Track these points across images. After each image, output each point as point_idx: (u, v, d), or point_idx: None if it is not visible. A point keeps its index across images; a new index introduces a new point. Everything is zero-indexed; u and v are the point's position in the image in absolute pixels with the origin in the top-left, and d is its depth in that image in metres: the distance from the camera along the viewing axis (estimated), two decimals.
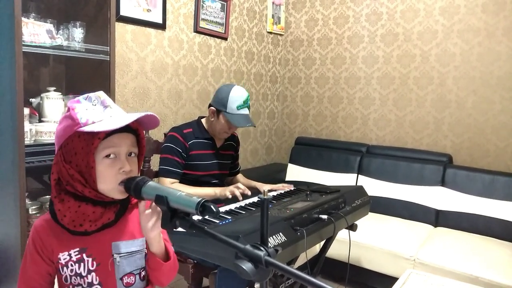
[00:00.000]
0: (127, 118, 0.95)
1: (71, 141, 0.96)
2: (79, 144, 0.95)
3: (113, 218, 1.01)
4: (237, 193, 1.88)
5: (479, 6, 2.88)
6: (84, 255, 1.00)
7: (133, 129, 1.01)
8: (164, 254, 1.06)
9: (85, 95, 0.99)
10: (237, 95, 2.00)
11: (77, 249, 1.00)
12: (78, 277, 1.00)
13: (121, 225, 1.05)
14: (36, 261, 1.00)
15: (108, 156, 0.96)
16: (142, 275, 1.08)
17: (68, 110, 0.97)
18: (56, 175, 0.98)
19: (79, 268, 1.00)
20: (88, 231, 0.98)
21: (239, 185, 1.93)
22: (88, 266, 1.00)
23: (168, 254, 1.07)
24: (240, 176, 2.38)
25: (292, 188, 2.15)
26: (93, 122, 0.94)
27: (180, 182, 2.02)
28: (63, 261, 0.99)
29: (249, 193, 1.92)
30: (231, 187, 1.92)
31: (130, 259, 1.05)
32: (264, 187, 2.16)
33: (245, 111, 2.02)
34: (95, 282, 1.01)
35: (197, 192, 1.95)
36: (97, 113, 0.96)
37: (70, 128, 0.95)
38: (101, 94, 1.01)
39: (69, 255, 0.99)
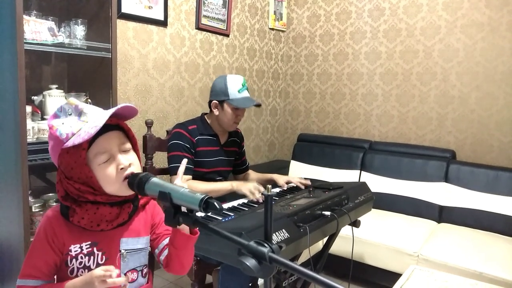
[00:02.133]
0: (100, 121, 0.94)
1: (63, 158, 0.97)
2: (71, 159, 0.96)
3: (127, 219, 1.05)
4: (257, 195, 1.86)
5: (483, 0, 2.86)
6: (95, 248, 1.02)
7: (115, 125, 1.01)
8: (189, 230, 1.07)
9: (59, 107, 1.00)
10: (234, 80, 2.01)
11: (89, 242, 1.02)
12: (86, 270, 1.01)
13: (129, 223, 1.08)
14: (45, 250, 0.99)
15: (103, 161, 0.97)
16: (144, 272, 1.12)
17: (50, 129, 0.98)
18: (62, 192, 1.00)
19: (88, 261, 1.02)
20: (104, 230, 1.01)
21: (260, 187, 1.90)
22: (97, 260, 1.02)
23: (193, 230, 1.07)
24: (252, 172, 2.36)
25: (309, 183, 2.10)
26: (72, 134, 0.95)
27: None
28: (73, 253, 1.00)
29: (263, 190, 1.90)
30: (251, 186, 1.89)
31: (135, 256, 1.09)
32: (281, 179, 2.12)
33: (246, 93, 2.03)
34: None
35: (215, 187, 1.97)
36: (73, 123, 0.97)
37: (57, 146, 0.97)
38: (72, 101, 1.01)
39: (81, 247, 1.01)
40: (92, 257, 1.02)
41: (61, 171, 0.99)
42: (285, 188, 2.07)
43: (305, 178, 2.15)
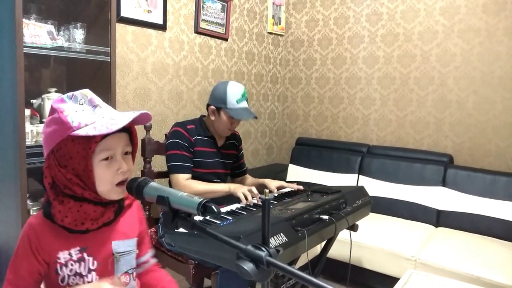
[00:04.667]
0: (122, 120, 0.94)
1: (64, 145, 0.94)
2: (74, 148, 0.93)
3: (113, 217, 1.02)
4: (249, 197, 1.87)
5: (480, 6, 2.88)
6: (85, 254, 1.00)
7: (126, 127, 1.00)
8: None
9: (70, 93, 0.97)
10: (234, 90, 2.01)
11: (78, 248, 0.99)
12: (78, 277, 0.99)
13: (116, 225, 1.06)
14: (29, 259, 0.97)
15: (105, 158, 0.96)
16: (134, 275, 1.11)
17: (54, 111, 0.95)
18: (50, 179, 0.96)
19: (79, 268, 0.99)
20: (89, 229, 0.98)
21: (253, 189, 1.90)
22: (88, 266, 1.00)
23: None
24: (248, 177, 2.36)
25: (301, 188, 2.10)
26: (86, 125, 0.92)
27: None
28: (62, 260, 0.98)
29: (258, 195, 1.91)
30: (245, 189, 1.90)
31: (127, 258, 1.07)
32: (272, 183, 2.11)
33: (244, 104, 2.03)
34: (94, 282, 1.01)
35: (212, 188, 1.97)
36: (88, 114, 0.95)
37: (61, 131, 0.93)
38: (87, 92, 0.99)
39: (70, 254, 0.98)
40: (83, 263, 0.99)
41: (54, 157, 0.95)
42: (276, 194, 2.06)
43: (300, 184, 2.16)
